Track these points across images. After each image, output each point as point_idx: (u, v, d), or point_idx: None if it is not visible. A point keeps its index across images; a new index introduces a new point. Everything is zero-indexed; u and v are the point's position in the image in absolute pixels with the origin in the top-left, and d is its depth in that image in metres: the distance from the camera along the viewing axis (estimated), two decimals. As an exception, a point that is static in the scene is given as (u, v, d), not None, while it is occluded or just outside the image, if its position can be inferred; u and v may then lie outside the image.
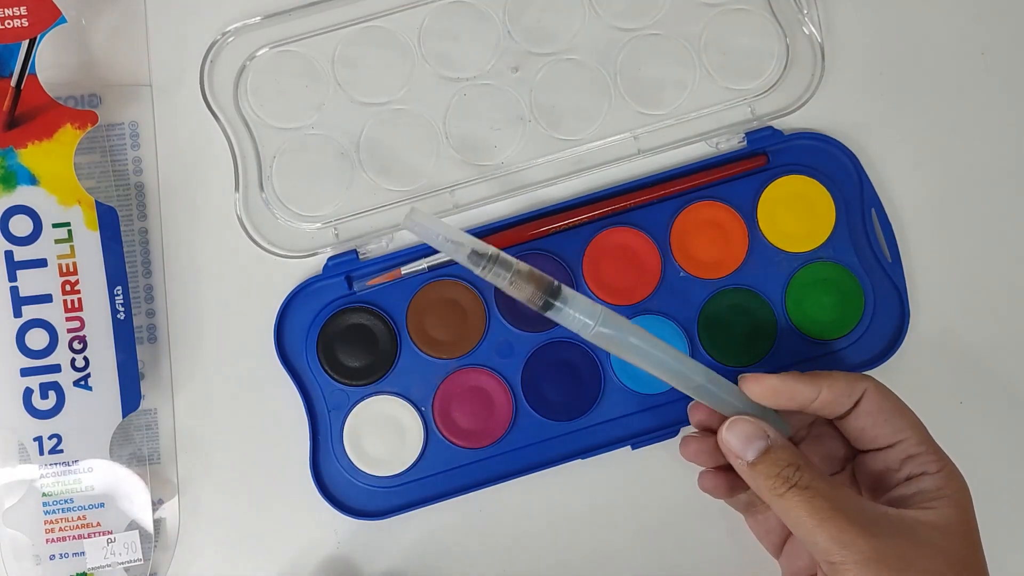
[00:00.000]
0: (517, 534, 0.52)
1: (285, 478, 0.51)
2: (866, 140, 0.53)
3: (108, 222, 0.49)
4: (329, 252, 0.51)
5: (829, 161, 0.52)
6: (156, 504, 0.50)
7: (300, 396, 0.51)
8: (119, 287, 0.49)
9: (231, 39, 0.51)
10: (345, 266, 0.51)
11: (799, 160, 0.52)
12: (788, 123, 0.52)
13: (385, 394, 0.51)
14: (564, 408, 0.51)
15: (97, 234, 0.48)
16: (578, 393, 0.51)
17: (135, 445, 0.51)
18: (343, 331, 0.51)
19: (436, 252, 0.51)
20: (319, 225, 0.51)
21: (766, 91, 0.52)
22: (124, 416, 0.49)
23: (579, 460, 0.51)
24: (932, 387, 0.52)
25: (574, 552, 0.52)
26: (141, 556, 0.49)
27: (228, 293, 0.52)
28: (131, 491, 0.49)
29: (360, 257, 0.51)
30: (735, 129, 0.52)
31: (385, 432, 0.51)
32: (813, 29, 0.51)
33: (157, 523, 0.50)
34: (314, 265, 0.51)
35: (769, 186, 0.52)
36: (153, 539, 0.50)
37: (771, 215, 0.52)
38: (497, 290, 0.51)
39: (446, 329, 0.51)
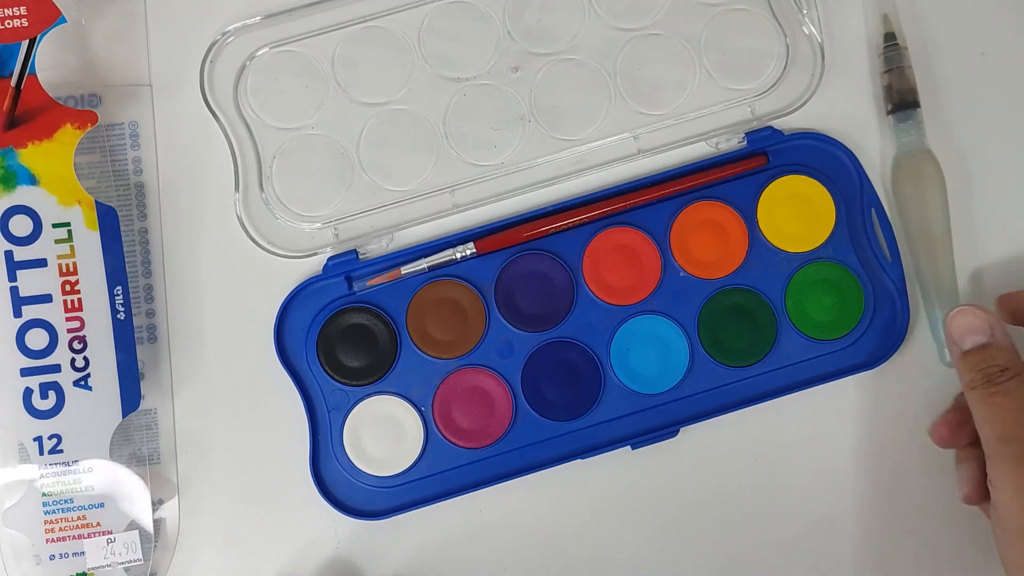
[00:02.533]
0: (517, 534, 0.52)
1: (285, 478, 0.51)
2: (866, 140, 0.53)
3: (108, 222, 0.49)
4: (329, 252, 0.51)
5: (829, 161, 0.52)
6: (156, 504, 0.50)
7: (300, 396, 0.51)
8: (119, 287, 0.49)
9: (231, 39, 0.51)
10: (345, 266, 0.51)
11: (799, 160, 0.52)
12: (788, 123, 0.52)
13: (385, 394, 0.51)
14: (564, 408, 0.51)
15: (97, 234, 0.48)
16: (578, 393, 0.51)
17: (135, 445, 0.51)
18: (343, 331, 0.51)
19: (436, 252, 0.51)
20: (319, 225, 0.51)
21: (766, 91, 0.52)
22: (124, 416, 0.48)
23: (579, 460, 0.51)
24: (932, 387, 0.52)
25: (574, 552, 0.52)
26: (141, 556, 0.49)
27: (228, 293, 0.52)
28: (131, 491, 0.49)
29: (360, 257, 0.51)
30: (735, 129, 0.52)
31: (385, 432, 0.51)
32: (813, 29, 0.51)
33: (157, 523, 0.50)
34: (314, 265, 0.51)
35: (769, 186, 0.52)
36: (153, 539, 0.50)
37: (771, 215, 0.52)
38: (496, 290, 0.51)
39: (446, 329, 0.51)
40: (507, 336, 0.51)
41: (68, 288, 0.48)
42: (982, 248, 0.52)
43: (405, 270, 0.51)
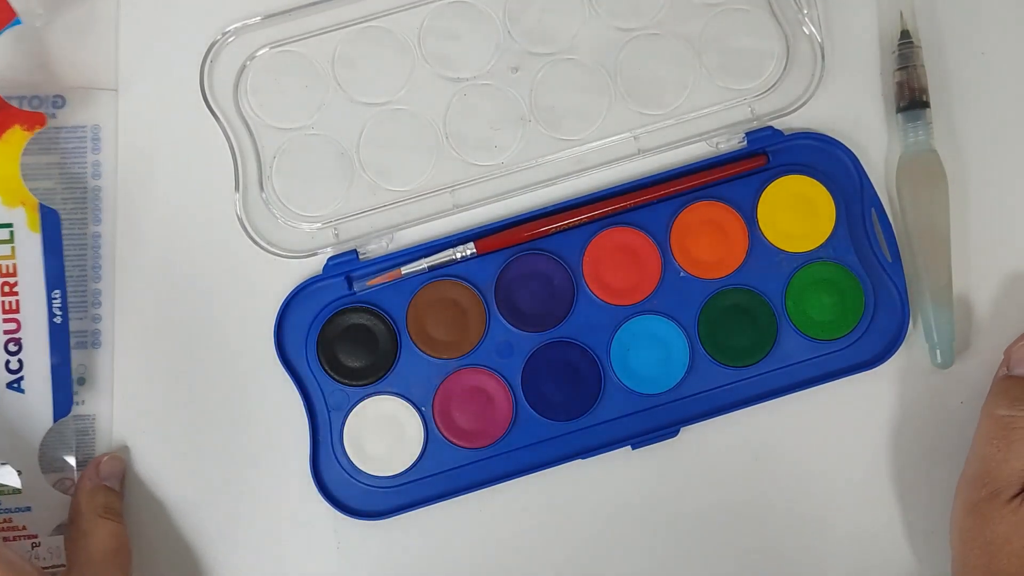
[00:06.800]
0: (517, 534, 0.52)
1: (285, 478, 0.51)
2: (866, 140, 0.53)
3: (51, 225, 0.48)
4: (329, 252, 0.51)
5: (829, 161, 0.52)
6: None
7: (300, 396, 0.50)
8: (58, 291, 0.48)
9: (231, 39, 0.51)
10: (345, 266, 0.51)
11: (799, 160, 0.52)
12: (788, 123, 0.52)
13: (385, 394, 0.51)
14: (564, 408, 0.51)
15: (39, 236, 0.48)
16: (578, 393, 0.51)
17: (69, 450, 0.50)
18: (343, 331, 0.51)
19: (436, 252, 0.51)
20: (319, 225, 0.51)
21: (766, 91, 0.52)
22: (55, 420, 0.48)
23: (579, 460, 0.51)
24: (932, 387, 0.52)
25: (574, 552, 0.52)
26: (66, 562, 0.48)
27: (228, 293, 0.52)
28: (60, 496, 0.49)
29: (360, 257, 0.51)
30: (735, 129, 0.52)
31: (385, 432, 0.51)
32: (813, 29, 0.51)
33: None
34: (314, 265, 0.51)
35: (769, 186, 0.52)
36: None
37: (771, 215, 0.52)
38: (496, 290, 0.51)
39: (446, 329, 0.51)
40: (507, 336, 0.51)
41: (7, 289, 0.48)
42: (977, 250, 0.52)
43: (405, 270, 0.51)
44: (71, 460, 0.50)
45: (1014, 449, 0.46)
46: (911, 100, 0.51)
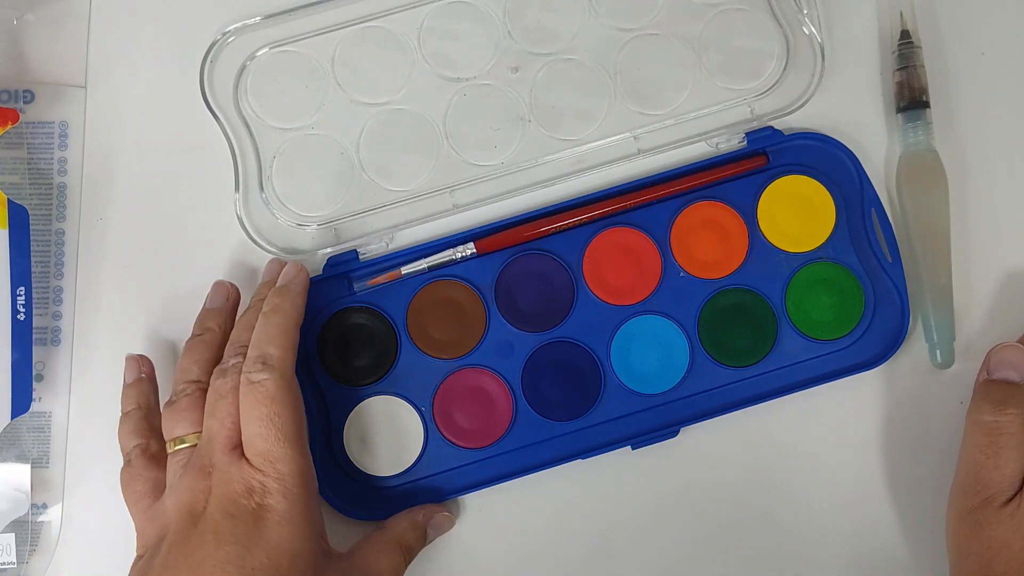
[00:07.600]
0: (517, 534, 0.52)
1: (285, 478, 0.51)
2: (866, 140, 0.53)
3: (18, 221, 0.48)
4: (329, 252, 0.51)
5: (829, 161, 0.52)
6: (40, 508, 0.50)
7: (300, 396, 0.51)
8: (22, 287, 0.48)
9: (231, 39, 0.51)
10: (345, 266, 0.51)
11: (799, 160, 0.52)
12: (788, 123, 0.52)
13: (385, 394, 0.51)
14: (564, 408, 0.51)
15: (6, 232, 0.48)
16: (578, 393, 0.51)
17: (23, 446, 0.50)
18: (343, 331, 0.51)
19: (436, 252, 0.51)
20: (319, 225, 0.51)
21: (766, 91, 0.52)
22: (13, 417, 0.48)
23: (579, 460, 0.51)
24: (932, 387, 0.52)
25: (574, 552, 0.52)
26: (15, 559, 0.48)
27: (228, 293, 0.52)
28: (12, 493, 0.49)
29: (360, 257, 0.51)
30: (735, 129, 0.52)
31: (385, 432, 0.51)
32: (813, 29, 0.51)
33: (37, 527, 0.50)
34: (314, 265, 0.51)
35: (769, 186, 0.52)
36: (29, 542, 0.49)
37: (771, 215, 0.52)
38: (496, 290, 0.51)
39: (446, 329, 0.51)
40: (507, 336, 0.51)
41: None
42: (977, 250, 0.52)
43: (405, 270, 0.51)
44: (23, 457, 0.49)
45: (1003, 454, 0.46)
46: (911, 100, 0.51)
